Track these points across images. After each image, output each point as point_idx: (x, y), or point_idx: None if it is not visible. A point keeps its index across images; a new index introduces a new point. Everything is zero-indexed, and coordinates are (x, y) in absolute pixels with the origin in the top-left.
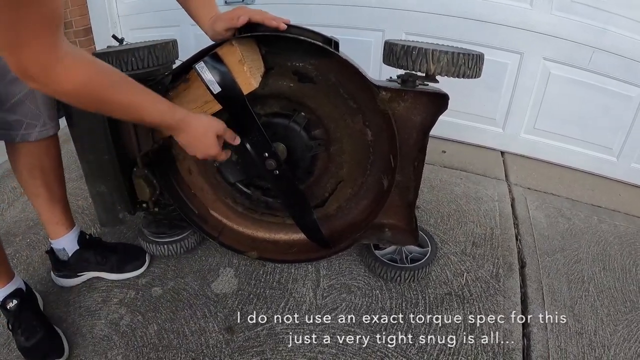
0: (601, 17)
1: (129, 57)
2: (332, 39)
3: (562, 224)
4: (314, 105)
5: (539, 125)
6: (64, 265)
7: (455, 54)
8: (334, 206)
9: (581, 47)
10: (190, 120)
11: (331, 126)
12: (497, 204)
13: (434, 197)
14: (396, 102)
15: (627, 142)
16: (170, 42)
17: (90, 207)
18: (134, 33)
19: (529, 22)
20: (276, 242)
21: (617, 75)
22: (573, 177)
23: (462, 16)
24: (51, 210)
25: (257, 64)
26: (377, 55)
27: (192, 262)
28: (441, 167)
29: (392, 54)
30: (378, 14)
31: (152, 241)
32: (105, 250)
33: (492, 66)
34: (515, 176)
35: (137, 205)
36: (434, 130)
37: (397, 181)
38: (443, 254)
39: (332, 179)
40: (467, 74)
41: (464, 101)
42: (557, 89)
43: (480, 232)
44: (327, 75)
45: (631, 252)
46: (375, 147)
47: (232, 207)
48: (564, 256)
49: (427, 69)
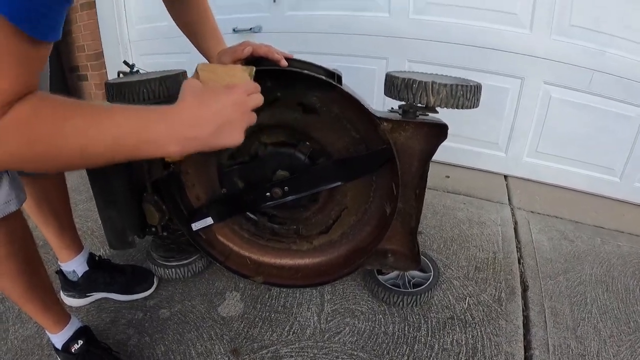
0: (600, 40)
1: (140, 88)
2: (335, 73)
3: (565, 247)
4: (318, 136)
5: (541, 148)
6: (74, 286)
7: (454, 86)
8: (338, 232)
9: (581, 70)
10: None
11: (335, 155)
12: (500, 228)
13: (438, 222)
14: (397, 133)
15: (629, 162)
16: (179, 73)
17: (100, 229)
18: (144, 58)
19: (529, 47)
20: (281, 267)
21: (617, 96)
22: (576, 199)
23: (463, 43)
24: (60, 238)
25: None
26: (381, 83)
27: (199, 286)
28: (445, 192)
29: (393, 86)
30: (381, 42)
31: (160, 264)
32: (114, 272)
33: (494, 91)
34: (518, 200)
35: (146, 230)
36: (438, 156)
37: (399, 208)
38: (446, 279)
39: (336, 206)
40: (466, 105)
41: (466, 126)
42: (558, 111)
43: (483, 257)
44: (330, 106)
45: (635, 273)
46: (377, 176)
47: (238, 233)
48: (566, 279)
49: (427, 101)
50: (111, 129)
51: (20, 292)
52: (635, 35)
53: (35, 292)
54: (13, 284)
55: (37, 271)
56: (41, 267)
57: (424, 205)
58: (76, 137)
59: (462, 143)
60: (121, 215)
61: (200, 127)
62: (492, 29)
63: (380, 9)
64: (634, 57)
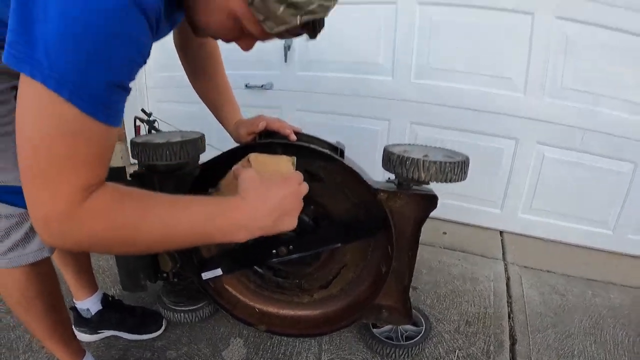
0: (590, 100)
1: (164, 150)
2: (338, 147)
3: (556, 300)
4: (322, 201)
5: (536, 204)
6: (86, 323)
7: (442, 164)
8: (337, 287)
9: (572, 130)
10: (239, 204)
11: (336, 219)
12: (492, 283)
13: (432, 279)
14: (393, 201)
15: (621, 215)
16: (199, 138)
17: (111, 268)
18: (159, 105)
19: (523, 109)
20: (284, 317)
21: (608, 153)
22: (569, 253)
23: (460, 107)
24: (77, 279)
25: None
26: (383, 142)
27: (205, 330)
28: (441, 248)
29: (389, 161)
30: (385, 104)
31: (170, 308)
32: (125, 312)
33: (490, 152)
34: (512, 255)
35: (158, 275)
36: (436, 212)
37: (394, 267)
38: (437, 332)
39: (336, 264)
40: (454, 179)
41: (463, 184)
42: (551, 169)
43: (474, 311)
44: (333, 176)
45: (624, 324)
46: (375, 238)
47: (245, 284)
48: (555, 332)
49: (418, 176)
50: (189, 218)
51: (43, 328)
52: (624, 94)
53: (57, 329)
54: (39, 320)
55: (60, 310)
56: (63, 306)
57: (421, 261)
58: (159, 225)
59: (459, 200)
60: (136, 261)
61: (264, 219)
62: (488, 92)
63: (385, 72)
64: (623, 115)
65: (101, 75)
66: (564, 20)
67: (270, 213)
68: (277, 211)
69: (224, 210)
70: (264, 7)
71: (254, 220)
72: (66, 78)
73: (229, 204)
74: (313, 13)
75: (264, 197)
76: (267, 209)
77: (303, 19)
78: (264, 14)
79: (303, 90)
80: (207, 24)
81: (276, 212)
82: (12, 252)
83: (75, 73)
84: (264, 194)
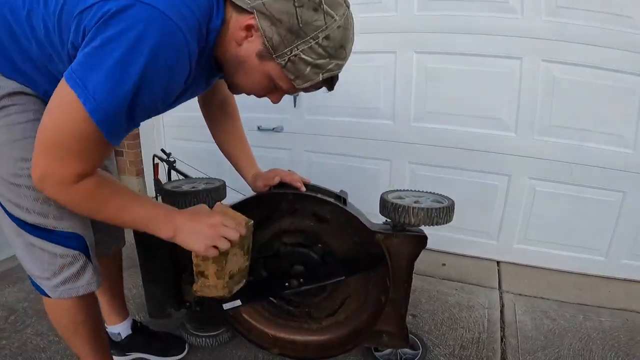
0: (578, 136)
1: (192, 198)
2: (341, 195)
3: (547, 325)
4: (328, 240)
5: (530, 235)
6: (116, 345)
7: (429, 210)
8: (342, 316)
9: (562, 164)
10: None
11: (340, 255)
12: (487, 311)
13: (431, 307)
14: (389, 241)
15: (613, 241)
16: (220, 185)
17: (135, 297)
18: (174, 142)
19: (514, 148)
20: (294, 342)
21: (596, 184)
22: (562, 279)
23: (456, 147)
24: (111, 305)
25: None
26: (384, 182)
27: (224, 354)
28: (440, 279)
29: (385, 208)
30: (386, 146)
31: (192, 334)
32: (152, 336)
33: (484, 188)
34: (507, 284)
35: (182, 304)
36: (436, 245)
37: (392, 297)
38: (434, 356)
39: (341, 295)
40: (440, 223)
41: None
42: (543, 202)
43: (469, 337)
44: (337, 218)
45: (614, 345)
46: (374, 272)
47: (260, 312)
48: (544, 354)
49: (409, 221)
50: (137, 210)
51: (87, 350)
52: (610, 128)
53: (99, 349)
54: (83, 342)
55: (101, 333)
56: (103, 329)
57: (421, 291)
58: (116, 209)
59: (457, 233)
60: (163, 291)
61: (183, 230)
62: (481, 133)
63: (386, 117)
64: (609, 148)
65: (129, 116)
66: (550, 63)
67: (189, 227)
68: (193, 228)
69: (163, 214)
70: (295, 69)
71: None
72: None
73: (168, 212)
74: (331, 71)
75: (193, 216)
76: (187, 224)
77: (324, 75)
78: (294, 74)
79: (311, 133)
80: (245, 84)
81: (192, 228)
82: (63, 286)
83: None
84: (194, 215)
